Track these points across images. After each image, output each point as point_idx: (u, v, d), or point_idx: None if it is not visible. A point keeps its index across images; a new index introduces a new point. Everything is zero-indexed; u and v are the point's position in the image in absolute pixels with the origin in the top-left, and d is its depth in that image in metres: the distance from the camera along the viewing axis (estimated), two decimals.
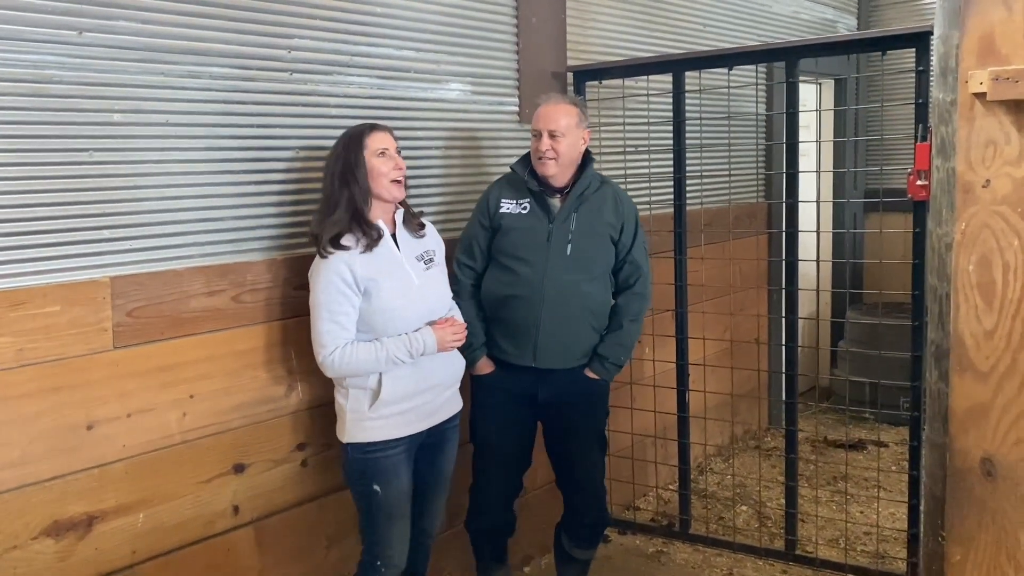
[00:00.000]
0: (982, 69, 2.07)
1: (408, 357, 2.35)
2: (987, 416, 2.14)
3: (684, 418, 3.34)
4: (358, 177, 2.33)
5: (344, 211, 2.33)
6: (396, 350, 2.34)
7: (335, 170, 2.34)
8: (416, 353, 2.36)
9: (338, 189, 2.34)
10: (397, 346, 2.34)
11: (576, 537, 2.96)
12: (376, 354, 2.32)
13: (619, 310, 2.81)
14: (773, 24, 4.71)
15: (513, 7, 3.19)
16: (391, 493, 2.40)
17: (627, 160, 3.49)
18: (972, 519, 2.20)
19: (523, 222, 2.73)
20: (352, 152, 2.34)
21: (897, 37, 2.79)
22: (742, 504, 3.91)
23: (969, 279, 2.17)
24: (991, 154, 2.09)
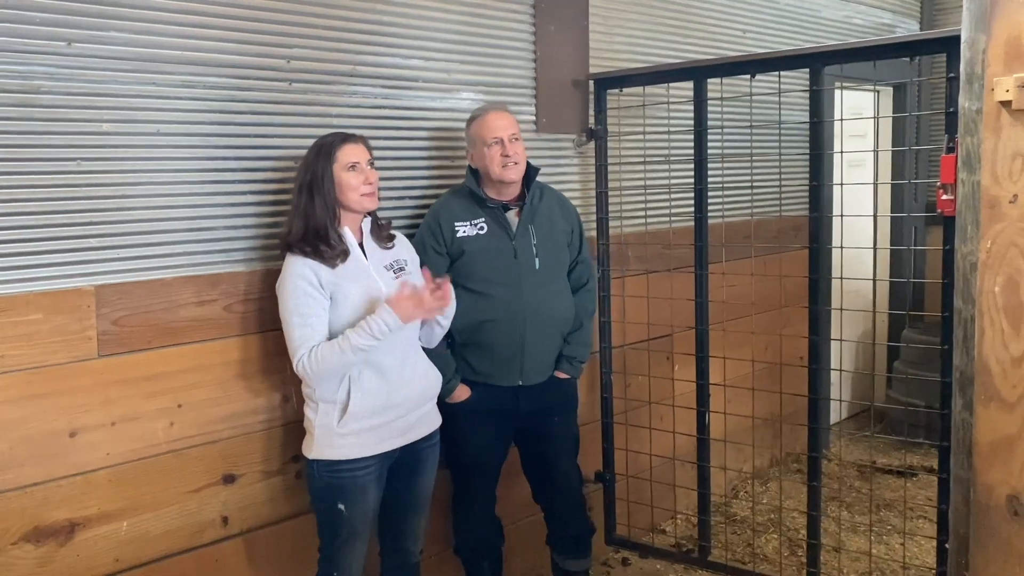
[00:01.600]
0: (1008, 75, 1.94)
1: (371, 338, 2.22)
2: (1013, 450, 2.01)
3: (704, 440, 3.20)
4: (324, 190, 2.28)
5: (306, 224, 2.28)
6: (354, 335, 2.23)
7: (303, 181, 2.30)
8: (379, 332, 2.22)
9: (304, 200, 2.28)
10: (357, 333, 2.23)
11: (565, 549, 2.93)
12: (340, 345, 2.22)
13: (578, 309, 2.83)
14: (823, 29, 4.51)
15: (531, 15, 3.12)
16: (356, 513, 2.34)
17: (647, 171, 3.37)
18: (997, 561, 2.07)
19: (486, 243, 2.66)
20: (321, 164, 2.29)
21: (926, 42, 2.61)
22: (773, 531, 3.73)
23: (995, 301, 2.03)
24: (1019, 167, 1.96)
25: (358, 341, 2.23)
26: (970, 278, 2.12)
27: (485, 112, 2.69)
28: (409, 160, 2.82)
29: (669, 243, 3.40)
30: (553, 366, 2.79)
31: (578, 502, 2.92)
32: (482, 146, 2.64)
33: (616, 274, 3.35)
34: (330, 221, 2.29)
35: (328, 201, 2.29)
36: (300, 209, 2.29)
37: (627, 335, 3.43)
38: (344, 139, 2.35)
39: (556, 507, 2.90)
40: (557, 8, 3.18)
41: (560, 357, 2.80)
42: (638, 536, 3.55)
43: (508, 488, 2.98)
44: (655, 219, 3.46)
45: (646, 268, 3.39)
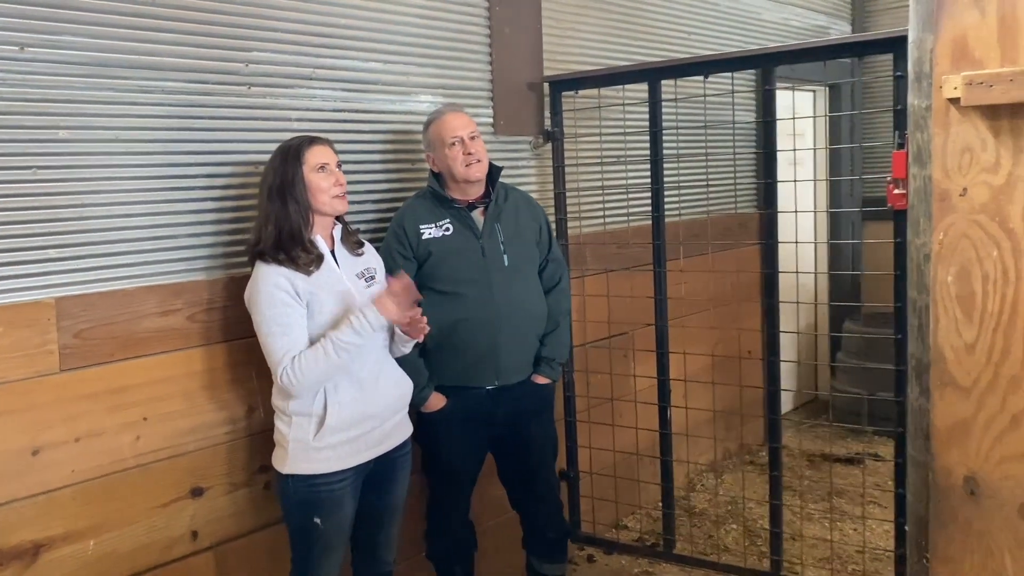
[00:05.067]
0: (956, 74, 2.00)
1: (357, 336, 2.18)
2: (969, 433, 2.06)
3: (666, 435, 3.26)
4: (296, 194, 2.23)
5: (279, 229, 2.22)
6: (341, 335, 2.17)
7: (272, 185, 2.24)
8: (363, 329, 2.19)
9: (275, 205, 2.23)
10: (341, 331, 2.18)
11: (543, 554, 2.94)
12: (325, 349, 2.16)
13: (552, 309, 2.81)
14: (762, 32, 4.63)
15: (485, 17, 3.14)
16: (332, 526, 2.30)
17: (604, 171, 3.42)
18: (957, 540, 2.13)
19: (453, 244, 2.65)
20: (290, 167, 2.24)
21: (873, 42, 2.71)
22: (732, 522, 3.81)
23: (948, 291, 2.09)
24: (967, 161, 2.02)
25: (341, 337, 2.17)
26: (924, 269, 2.19)
27: (442, 114, 2.69)
28: (369, 163, 2.80)
29: (627, 242, 3.45)
30: (530, 366, 2.77)
31: (556, 506, 2.92)
32: (443, 147, 2.63)
33: (576, 274, 3.38)
34: (304, 226, 2.25)
35: (301, 205, 2.24)
36: (271, 215, 2.23)
37: (588, 334, 3.47)
38: (311, 141, 2.31)
39: (535, 512, 2.89)
40: (511, 11, 3.20)
41: (538, 359, 2.78)
42: (602, 532, 3.59)
43: (478, 490, 2.97)
44: (613, 219, 3.51)
45: (605, 267, 3.44)
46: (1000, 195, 1.92)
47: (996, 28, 1.88)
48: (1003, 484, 1.99)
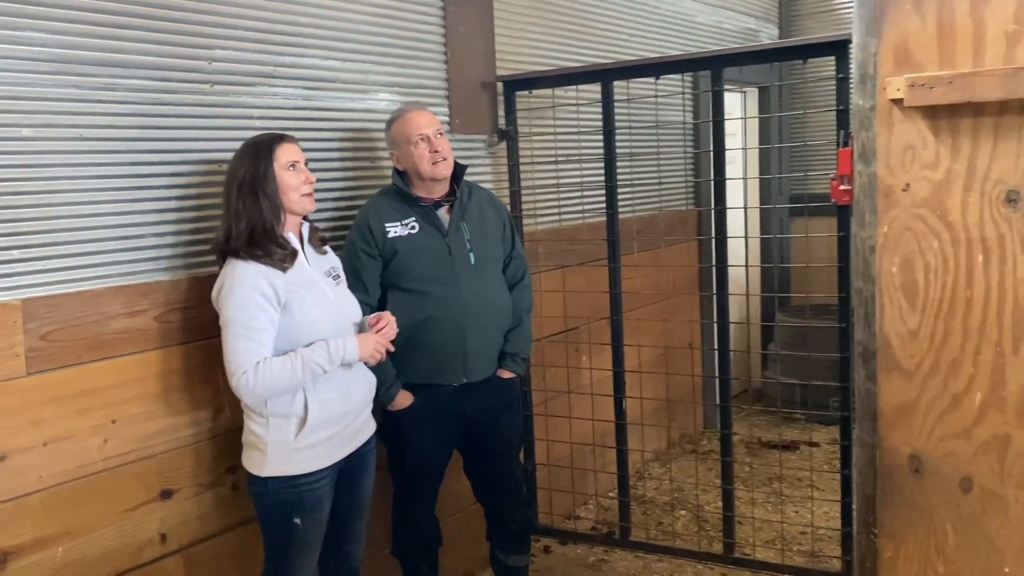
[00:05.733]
0: (899, 76, 2.12)
1: (328, 363, 2.21)
2: (913, 414, 2.19)
3: (622, 425, 3.36)
4: (268, 191, 2.22)
5: (252, 226, 2.21)
6: (314, 355, 2.19)
7: (244, 181, 2.21)
8: (337, 359, 2.22)
9: (247, 201, 2.21)
10: (316, 352, 2.19)
11: (507, 546, 2.98)
12: (292, 364, 2.16)
13: (516, 305, 2.85)
14: (698, 34, 4.79)
15: (441, 17, 3.17)
16: (311, 526, 2.31)
17: (559, 170, 3.50)
18: (902, 515, 2.25)
19: (419, 242, 2.66)
20: (262, 164, 2.22)
21: (817, 45, 2.86)
22: (681, 508, 3.94)
23: (893, 280, 2.22)
24: (910, 158, 2.14)
25: (315, 359, 2.18)
26: (869, 260, 2.32)
27: (405, 112, 2.70)
28: (329, 161, 2.81)
29: (582, 238, 3.54)
30: (495, 362, 2.80)
31: (521, 498, 2.97)
32: (408, 145, 2.64)
33: (532, 270, 3.44)
34: (276, 222, 2.24)
35: (273, 201, 2.23)
36: (241, 211, 2.21)
37: (544, 329, 3.54)
38: (281, 138, 2.30)
39: (500, 505, 2.93)
40: (465, 12, 3.25)
41: (503, 355, 2.81)
42: (558, 523, 3.66)
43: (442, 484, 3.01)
44: (568, 216, 3.59)
45: (560, 263, 3.51)
46: (940, 190, 2.06)
47: (935, 33, 2.01)
48: (945, 461, 2.13)
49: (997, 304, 2.00)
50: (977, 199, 2.01)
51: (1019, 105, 1.90)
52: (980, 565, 2.11)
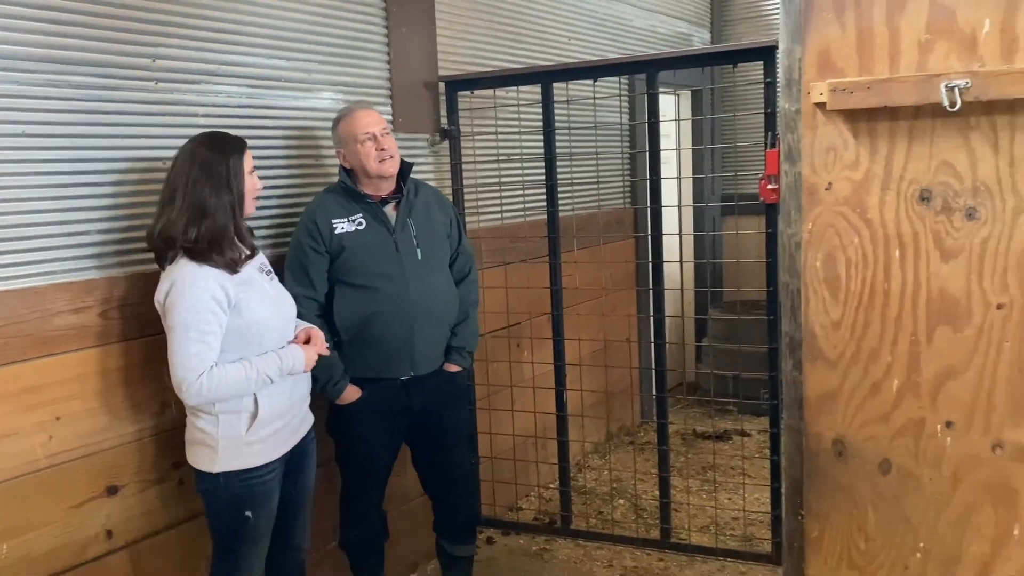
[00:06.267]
0: (821, 81, 2.24)
1: (279, 375, 2.27)
2: (837, 401, 2.31)
3: (563, 417, 3.46)
4: (236, 188, 2.23)
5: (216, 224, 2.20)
6: (267, 367, 2.25)
7: (217, 171, 2.20)
8: (286, 371, 2.30)
9: (211, 201, 2.19)
10: (268, 364, 2.25)
11: (453, 536, 3.04)
12: (247, 374, 2.21)
13: (462, 300, 2.91)
14: (633, 37, 4.92)
15: (383, 18, 3.22)
16: (262, 518, 2.35)
17: (500, 169, 3.58)
18: (827, 497, 2.38)
19: (366, 238, 2.70)
20: (233, 160, 2.23)
21: (747, 51, 3.00)
22: (619, 498, 4.06)
23: (817, 274, 2.34)
24: (832, 159, 2.27)
25: (267, 371, 2.24)
26: (795, 255, 2.44)
27: (352, 111, 2.74)
28: (273, 159, 2.83)
29: (524, 236, 3.62)
30: (442, 356, 2.85)
31: (469, 490, 3.06)
32: (355, 143, 2.68)
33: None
34: (235, 222, 2.25)
35: (238, 201, 2.24)
36: (202, 211, 2.18)
37: (487, 324, 3.61)
38: (245, 144, 2.31)
39: (447, 496, 2.98)
40: (407, 12, 3.30)
41: (449, 349, 2.86)
42: (500, 515, 3.74)
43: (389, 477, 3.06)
44: (510, 214, 3.67)
45: (502, 260, 3.59)
46: (860, 189, 2.19)
47: (855, 41, 2.14)
48: (865, 445, 2.27)
49: (912, 296, 2.14)
50: (894, 198, 2.14)
51: (931, 110, 2.04)
52: (897, 541, 2.25)
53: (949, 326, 2.10)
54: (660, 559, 3.47)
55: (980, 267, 2.05)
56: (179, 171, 2.22)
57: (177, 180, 2.21)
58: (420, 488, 3.11)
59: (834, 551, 2.36)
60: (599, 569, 3.42)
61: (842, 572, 2.36)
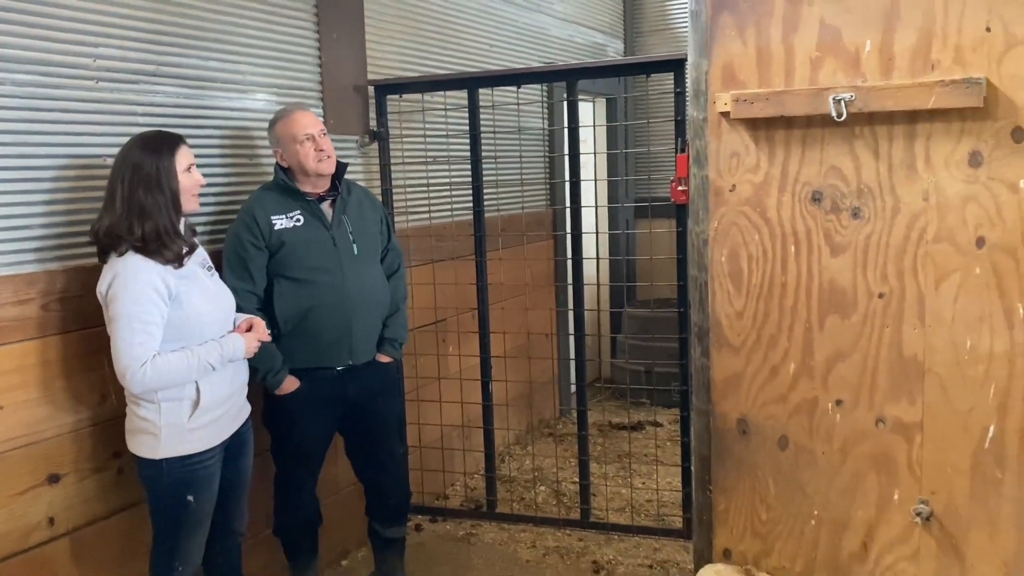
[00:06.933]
0: (726, 92, 2.44)
1: (220, 363, 2.37)
2: (740, 383, 2.52)
3: (489, 407, 3.62)
4: (168, 190, 2.30)
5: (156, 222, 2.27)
6: (209, 356, 2.34)
7: (149, 176, 2.27)
8: (227, 358, 2.40)
9: (151, 198, 2.27)
10: (209, 352, 2.35)
11: (386, 519, 3.17)
12: (189, 362, 2.30)
13: (393, 294, 3.05)
14: (551, 46, 5.14)
15: (315, 23, 3.33)
16: (204, 502, 2.43)
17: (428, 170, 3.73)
18: (732, 472, 2.59)
19: (304, 234, 2.81)
20: (166, 161, 2.31)
21: (659, 63, 3.23)
22: (541, 485, 4.25)
23: (722, 269, 2.54)
24: (735, 164, 2.47)
25: (209, 359, 2.33)
26: (703, 251, 2.63)
27: (290, 112, 2.85)
28: (210, 158, 2.91)
29: (452, 235, 3.78)
30: (375, 348, 2.98)
31: (400, 474, 3.18)
32: (293, 143, 2.79)
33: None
34: (173, 221, 2.33)
35: (172, 201, 2.31)
36: (141, 212, 2.25)
37: (415, 320, 3.75)
38: (180, 139, 2.38)
39: (380, 481, 3.11)
40: (337, 18, 3.41)
41: (382, 340, 2.99)
42: (428, 502, 3.88)
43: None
44: (438, 214, 3.82)
45: (430, 258, 3.74)
46: (760, 191, 2.41)
47: (755, 57, 2.36)
48: (766, 423, 2.49)
49: (806, 287, 2.37)
50: (789, 199, 2.36)
51: (821, 120, 2.26)
52: (794, 511, 2.47)
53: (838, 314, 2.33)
54: (580, 539, 3.67)
55: (864, 261, 2.28)
56: (116, 174, 2.30)
57: (115, 183, 2.29)
58: (351, 477, 3.22)
59: (739, 522, 2.57)
60: (523, 550, 3.60)
61: (747, 541, 2.57)
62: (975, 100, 2.04)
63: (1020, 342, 2.11)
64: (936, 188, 2.16)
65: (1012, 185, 2.07)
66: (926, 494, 2.29)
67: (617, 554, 3.53)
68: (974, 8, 2.07)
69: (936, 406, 2.24)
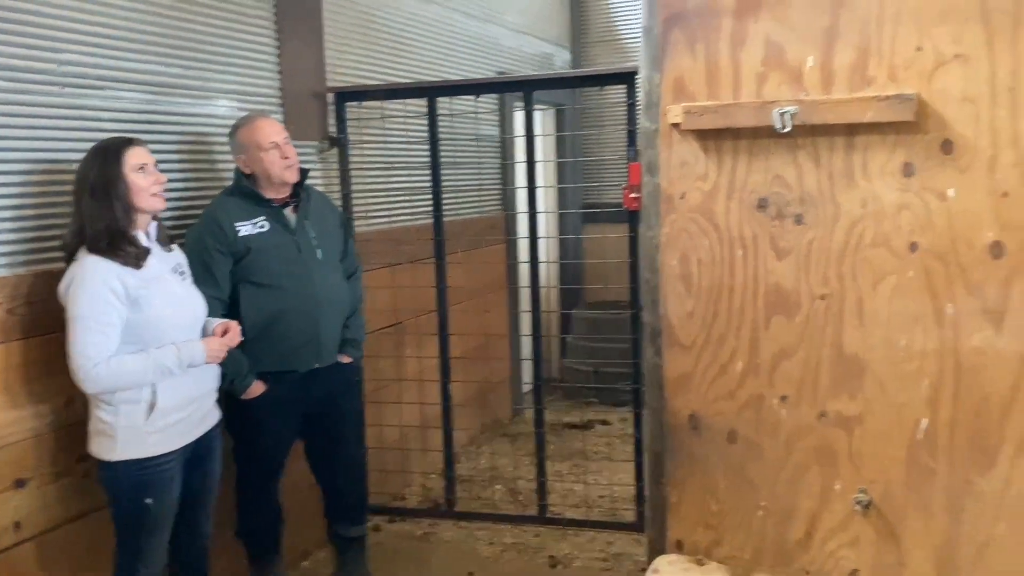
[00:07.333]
0: (677, 104, 2.54)
1: (177, 367, 2.38)
2: (691, 381, 2.61)
3: (449, 408, 3.70)
4: (119, 192, 2.33)
5: (106, 227, 2.31)
6: (166, 359, 2.36)
7: (95, 184, 2.31)
8: (186, 363, 2.40)
9: (100, 203, 2.31)
10: (167, 355, 2.36)
11: (345, 518, 3.22)
12: (145, 364, 2.32)
13: (352, 296, 3.11)
14: (503, 55, 5.24)
15: (274, 31, 3.37)
16: (164, 505, 2.45)
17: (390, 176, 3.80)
18: (684, 466, 2.68)
19: (270, 240, 2.85)
20: (111, 167, 2.33)
21: (612, 75, 3.35)
22: (497, 484, 4.34)
23: (674, 272, 2.64)
24: (685, 172, 2.56)
25: (166, 362, 2.35)
26: (655, 256, 2.73)
27: (254, 119, 2.89)
28: (171, 163, 2.93)
29: (411, 239, 3.85)
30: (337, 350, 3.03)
31: (360, 474, 3.23)
32: (258, 151, 2.83)
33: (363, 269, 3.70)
34: (128, 223, 2.36)
35: (124, 203, 2.35)
36: (96, 212, 2.29)
37: (375, 322, 3.81)
38: (128, 142, 2.41)
39: (340, 481, 3.16)
40: (296, 26, 3.46)
41: (343, 342, 3.04)
42: (387, 502, 3.94)
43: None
44: (398, 218, 3.89)
45: (390, 262, 3.81)
46: (708, 198, 2.52)
47: (704, 71, 2.47)
48: (715, 419, 2.59)
49: (752, 290, 2.48)
50: (737, 206, 2.47)
51: (767, 131, 2.36)
52: (743, 503, 2.58)
53: (782, 315, 2.44)
54: (536, 535, 3.77)
55: (807, 265, 2.40)
56: (74, 182, 2.37)
57: (74, 192, 2.37)
58: (309, 479, 3.26)
59: (691, 514, 2.67)
60: (481, 547, 3.68)
61: (698, 533, 2.68)
62: (908, 115, 2.18)
63: (949, 340, 2.25)
64: (873, 196, 2.29)
65: (941, 194, 2.21)
66: (865, 483, 2.40)
67: (573, 548, 3.64)
68: (906, 29, 2.21)
69: (874, 401, 2.36)
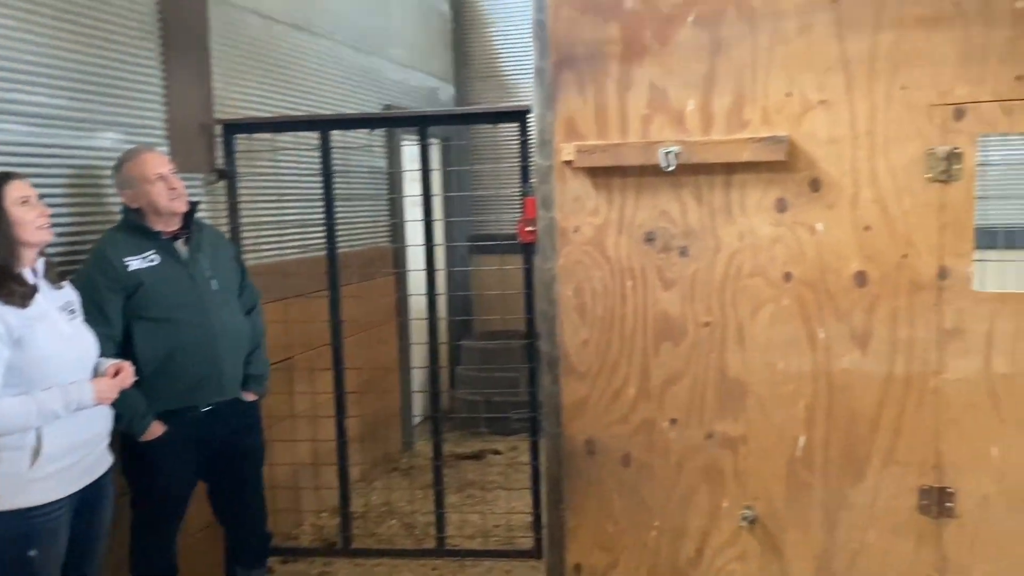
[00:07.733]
0: (569, 143, 2.66)
1: (64, 410, 2.28)
2: (587, 407, 2.71)
3: (344, 443, 3.67)
4: (1, 229, 2.25)
5: None
6: (51, 402, 2.26)
7: None
8: (73, 405, 2.31)
9: None
10: (52, 398, 2.27)
11: (249, 561, 3.14)
12: (27, 407, 2.22)
13: (253, 330, 3.07)
14: (390, 89, 5.29)
15: (161, 62, 3.31)
16: (50, 556, 2.32)
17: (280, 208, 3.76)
18: (581, 490, 2.77)
19: (161, 273, 2.78)
20: None
21: (506, 113, 3.46)
22: (391, 519, 4.31)
23: (569, 302, 2.74)
24: (578, 207, 2.68)
25: (51, 405, 2.25)
26: (550, 287, 2.82)
27: (139, 152, 2.84)
28: (56, 197, 2.82)
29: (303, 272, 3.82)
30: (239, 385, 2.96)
31: (265, 516, 3.14)
32: (144, 184, 2.77)
33: None
34: (13, 260, 2.26)
35: (7, 239, 2.26)
36: None
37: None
38: (6, 176, 2.32)
39: (244, 521, 3.07)
40: (182, 57, 3.41)
41: (247, 378, 2.98)
42: (279, 542, 3.85)
43: None
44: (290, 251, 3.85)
45: (282, 295, 3.75)
46: (600, 232, 2.64)
47: (593, 112, 2.60)
48: (610, 443, 2.69)
49: (642, 318, 2.61)
50: (626, 239, 2.60)
51: (652, 169, 2.50)
52: (637, 523, 2.68)
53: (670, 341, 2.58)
54: (434, 567, 3.77)
55: (692, 294, 2.55)
56: None
57: None
58: (205, 520, 3.17)
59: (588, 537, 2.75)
60: None
61: (596, 555, 2.76)
62: (780, 155, 2.37)
63: (822, 362, 2.45)
64: (750, 230, 2.47)
65: (811, 228, 2.41)
66: (750, 500, 2.55)
67: None
68: (777, 75, 2.41)
69: (756, 421, 2.52)
